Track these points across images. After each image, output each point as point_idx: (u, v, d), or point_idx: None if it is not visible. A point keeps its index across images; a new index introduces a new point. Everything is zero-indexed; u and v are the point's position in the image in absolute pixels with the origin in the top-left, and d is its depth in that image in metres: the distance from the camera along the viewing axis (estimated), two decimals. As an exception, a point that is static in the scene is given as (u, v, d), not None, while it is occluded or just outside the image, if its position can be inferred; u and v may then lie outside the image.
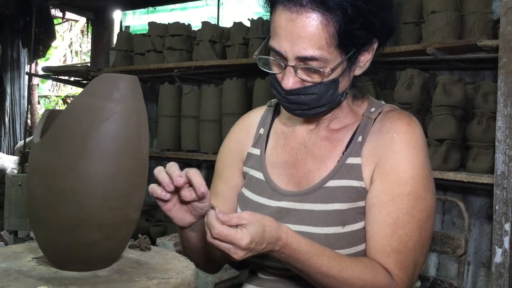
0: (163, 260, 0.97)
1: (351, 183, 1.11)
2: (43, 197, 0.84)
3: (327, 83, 1.06)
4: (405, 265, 1.06)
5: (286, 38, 1.03)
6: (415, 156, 1.08)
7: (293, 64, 1.05)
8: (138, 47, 3.93)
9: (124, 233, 0.89)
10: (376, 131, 1.13)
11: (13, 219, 2.56)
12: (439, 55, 2.52)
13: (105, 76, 0.84)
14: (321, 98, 1.08)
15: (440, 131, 2.42)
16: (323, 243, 1.05)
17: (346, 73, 1.09)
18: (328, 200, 1.11)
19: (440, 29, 2.51)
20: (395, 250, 1.05)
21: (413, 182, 1.07)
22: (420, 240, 1.07)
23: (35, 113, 6.88)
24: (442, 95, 2.44)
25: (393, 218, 1.06)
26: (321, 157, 1.17)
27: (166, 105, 3.70)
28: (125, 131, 0.84)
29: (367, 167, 1.11)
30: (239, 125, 1.34)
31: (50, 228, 0.85)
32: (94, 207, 0.83)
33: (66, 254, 0.86)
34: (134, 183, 0.86)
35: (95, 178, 0.82)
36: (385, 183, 1.08)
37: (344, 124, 1.19)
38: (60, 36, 8.79)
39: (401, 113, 1.15)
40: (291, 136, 1.24)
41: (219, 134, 3.38)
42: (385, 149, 1.10)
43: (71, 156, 0.82)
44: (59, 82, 5.94)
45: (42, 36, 5.15)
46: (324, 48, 1.02)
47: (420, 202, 1.07)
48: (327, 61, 1.04)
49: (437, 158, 2.41)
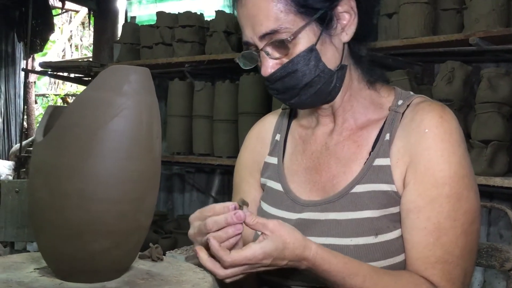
0: (177, 271, 0.98)
1: (381, 187, 1.11)
2: (46, 200, 0.86)
3: (303, 54, 1.08)
4: (453, 275, 1.05)
5: (247, 25, 1.10)
6: (451, 153, 1.08)
7: (262, 47, 1.10)
8: (145, 40, 3.97)
9: (135, 241, 0.90)
10: (405, 126, 1.13)
11: (10, 229, 2.60)
12: (483, 45, 2.49)
13: (115, 68, 0.86)
14: (305, 74, 1.09)
15: (486, 131, 2.40)
16: (353, 256, 1.05)
17: (326, 40, 1.10)
18: (356, 207, 1.11)
19: (485, 16, 2.49)
20: (440, 260, 1.05)
21: (452, 182, 1.06)
22: (467, 246, 1.07)
23: (31, 114, 6.98)
24: (487, 90, 2.42)
25: (433, 224, 1.06)
26: (345, 159, 1.17)
27: (176, 104, 3.72)
28: (136, 128, 0.85)
29: (397, 168, 1.11)
30: (254, 132, 1.36)
31: (53, 234, 0.86)
32: (102, 212, 0.84)
33: (71, 263, 0.88)
34: (145, 185, 0.88)
35: (103, 180, 0.83)
36: (421, 185, 1.07)
37: (367, 119, 1.19)
38: (58, 29, 8.90)
39: (432, 104, 1.14)
40: (310, 139, 1.24)
41: (235, 136, 3.39)
42: (417, 146, 1.10)
43: (77, 156, 0.83)
44: (58, 79, 6.02)
45: (39, 28, 5.24)
46: (282, 18, 1.06)
47: (463, 203, 1.07)
48: (290, 30, 1.07)
49: (482, 161, 2.39)
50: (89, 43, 9.27)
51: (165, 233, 3.84)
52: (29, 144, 5.61)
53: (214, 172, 4.18)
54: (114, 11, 5.01)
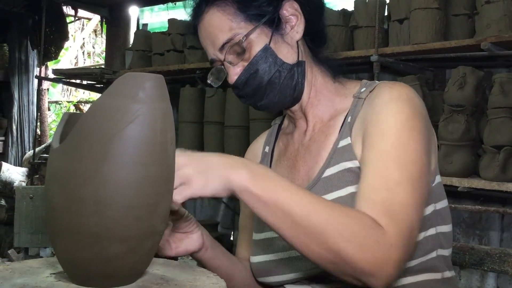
0: (191, 276, 0.99)
1: (345, 165, 1.14)
2: (62, 206, 0.87)
3: (259, 54, 1.18)
4: (398, 216, 0.99)
5: (208, 44, 1.23)
6: (400, 109, 1.09)
7: (223, 57, 1.21)
8: (157, 47, 4.00)
9: (149, 246, 0.91)
10: (365, 107, 1.17)
11: (24, 235, 2.62)
12: (495, 51, 2.49)
13: (129, 75, 0.87)
14: (265, 71, 1.19)
15: (498, 136, 2.39)
16: None
17: (278, 39, 1.20)
18: (327, 190, 1.14)
19: (497, 21, 2.48)
20: (385, 200, 1.00)
21: (397, 131, 1.07)
22: (415, 195, 1.02)
23: (45, 121, 7.02)
24: (499, 95, 2.41)
25: (381, 170, 1.04)
26: (316, 150, 1.23)
27: (187, 110, 3.74)
28: (151, 135, 0.86)
29: (356, 143, 1.15)
30: (249, 151, 1.46)
31: (70, 240, 0.87)
32: (117, 217, 0.85)
33: (87, 268, 0.88)
34: (160, 191, 0.89)
35: (119, 186, 0.84)
36: (369, 140, 1.10)
37: (335, 110, 1.25)
38: (71, 36, 8.98)
39: (388, 82, 1.19)
40: (290, 142, 1.33)
41: (246, 142, 3.40)
42: (369, 116, 1.13)
43: (93, 162, 0.84)
44: (71, 86, 6.07)
45: (53, 36, 5.28)
46: (234, 26, 1.19)
47: (410, 153, 1.05)
48: (243, 34, 1.19)
49: (495, 167, 2.38)
50: (101, 50, 9.34)
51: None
52: (42, 150, 5.65)
53: (226, 178, 4.18)
54: (126, 19, 5.04)
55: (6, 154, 6.38)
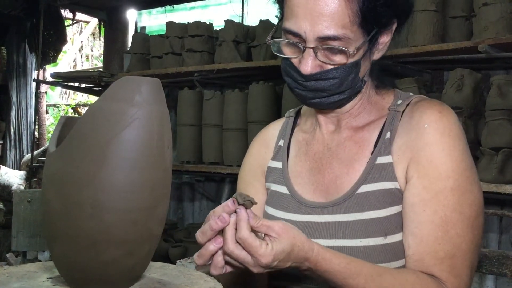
0: (188, 280, 0.98)
1: (385, 185, 1.11)
2: (59, 210, 0.86)
3: (350, 66, 1.08)
4: (460, 271, 1.05)
5: (306, 17, 1.04)
6: (452, 147, 1.08)
7: (313, 46, 1.06)
8: (155, 50, 4.00)
9: (147, 249, 0.91)
10: (405, 124, 1.14)
11: (22, 239, 2.62)
12: (492, 53, 2.49)
13: (126, 79, 0.87)
14: (342, 83, 1.10)
15: (496, 138, 2.39)
16: (363, 257, 1.05)
17: (367, 56, 1.12)
18: (363, 208, 1.11)
19: (494, 23, 2.49)
20: (449, 255, 1.05)
21: (455, 175, 1.07)
22: (474, 240, 1.07)
23: (43, 124, 7.02)
24: (497, 97, 2.41)
25: (440, 217, 1.05)
26: (347, 160, 1.18)
27: (185, 113, 3.74)
28: (148, 138, 0.86)
29: (399, 165, 1.11)
30: (258, 139, 1.38)
31: (67, 244, 0.87)
32: (114, 221, 0.85)
33: (84, 272, 0.88)
34: (157, 194, 0.89)
35: (116, 189, 0.84)
36: (425, 179, 1.08)
37: (368, 121, 1.20)
38: (69, 39, 8.98)
39: (431, 101, 1.16)
40: (313, 141, 1.26)
41: (245, 144, 3.40)
42: (418, 142, 1.10)
43: (90, 166, 0.84)
44: (69, 89, 6.07)
45: (51, 39, 5.28)
46: (347, 27, 1.04)
47: (467, 196, 1.07)
48: (350, 41, 1.06)
49: (493, 169, 2.38)
50: (100, 53, 9.35)
51: (175, 242, 3.85)
52: (41, 154, 5.65)
53: (224, 181, 4.19)
54: (124, 22, 5.05)
55: (4, 157, 6.38)
